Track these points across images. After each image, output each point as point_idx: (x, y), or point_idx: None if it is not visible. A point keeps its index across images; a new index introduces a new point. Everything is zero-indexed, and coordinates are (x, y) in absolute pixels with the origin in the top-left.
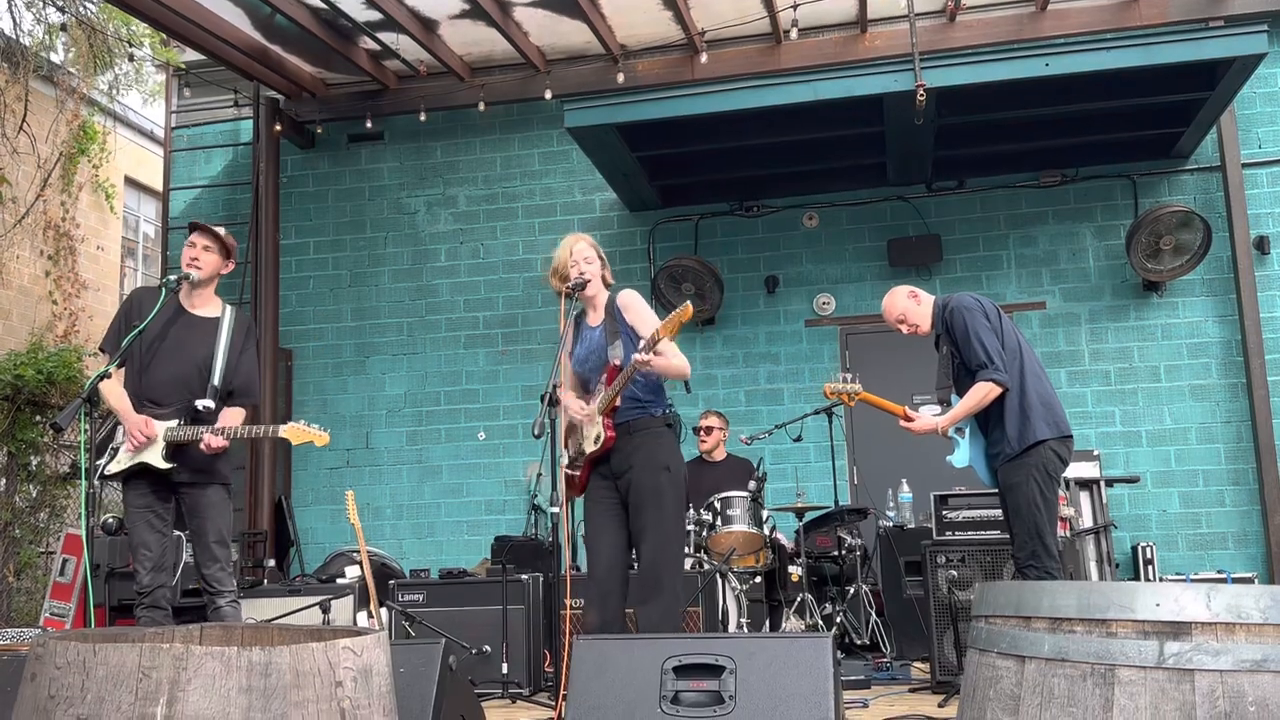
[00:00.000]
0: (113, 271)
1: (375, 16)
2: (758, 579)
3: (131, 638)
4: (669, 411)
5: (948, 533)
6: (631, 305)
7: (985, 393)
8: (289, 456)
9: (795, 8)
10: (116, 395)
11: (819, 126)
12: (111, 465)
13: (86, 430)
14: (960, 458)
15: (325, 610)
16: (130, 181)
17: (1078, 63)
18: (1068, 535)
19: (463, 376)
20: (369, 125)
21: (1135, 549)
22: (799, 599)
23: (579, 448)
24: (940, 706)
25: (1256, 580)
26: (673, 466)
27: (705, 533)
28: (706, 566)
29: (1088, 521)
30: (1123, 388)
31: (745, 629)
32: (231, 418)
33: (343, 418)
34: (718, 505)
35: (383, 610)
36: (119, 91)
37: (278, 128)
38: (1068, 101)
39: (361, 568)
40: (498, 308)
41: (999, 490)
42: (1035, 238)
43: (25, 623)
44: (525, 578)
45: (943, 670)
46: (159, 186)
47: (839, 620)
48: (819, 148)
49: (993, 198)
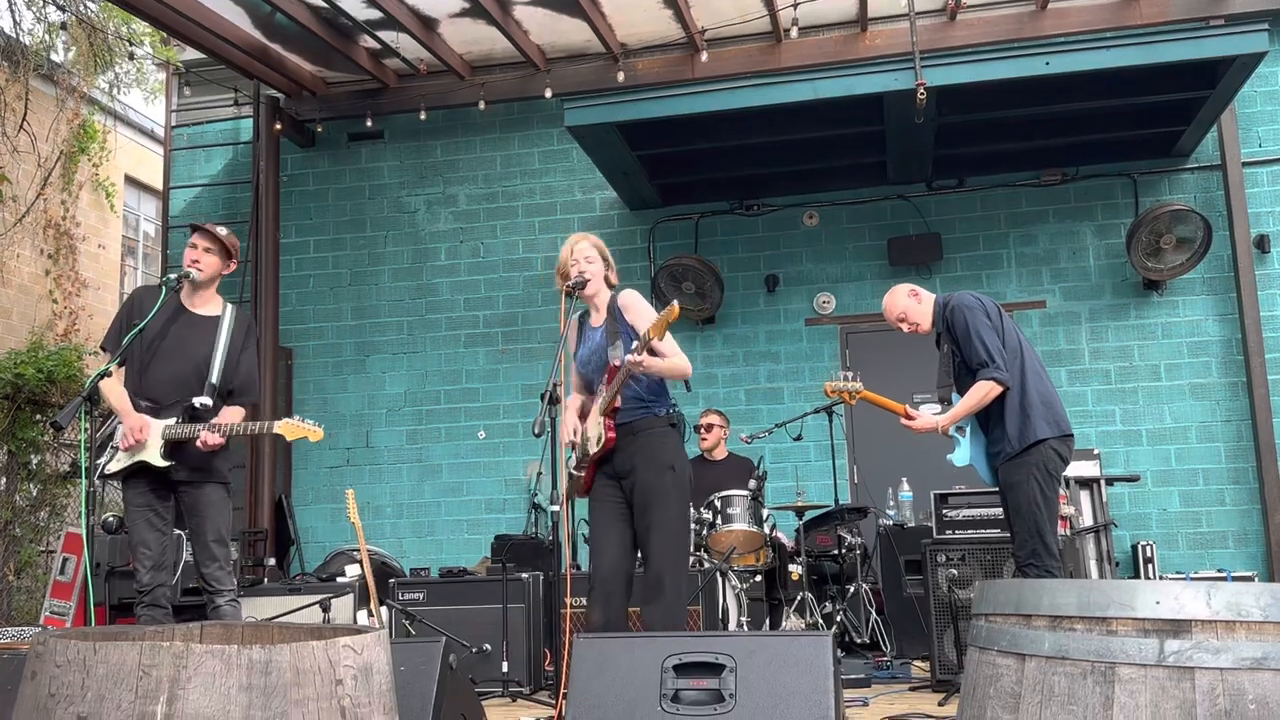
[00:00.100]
0: (113, 270)
1: (375, 15)
2: (758, 578)
3: (132, 636)
4: (673, 411)
5: (948, 531)
6: (631, 305)
7: (986, 391)
8: (289, 455)
9: (795, 6)
10: (117, 394)
11: (819, 125)
12: (111, 464)
13: (87, 429)
14: (961, 456)
15: (325, 609)
16: (130, 180)
17: (1078, 61)
18: (1068, 534)
19: (463, 375)
20: (369, 124)
21: (1135, 548)
22: (799, 598)
23: (583, 449)
24: (940, 705)
25: (1256, 579)
26: (677, 466)
27: (705, 531)
28: (707, 565)
29: (1088, 520)
30: (1123, 386)
31: (745, 627)
32: (229, 416)
33: (343, 416)
34: (718, 504)
35: (383, 609)
36: (119, 90)
37: (278, 126)
38: (1068, 100)
39: (362, 566)
40: (498, 307)
41: (999, 489)
42: (1035, 236)
43: (26, 621)
44: (525, 576)
45: (943, 669)
46: (159, 185)
47: (839, 619)
48: (819, 146)
49: (993, 196)
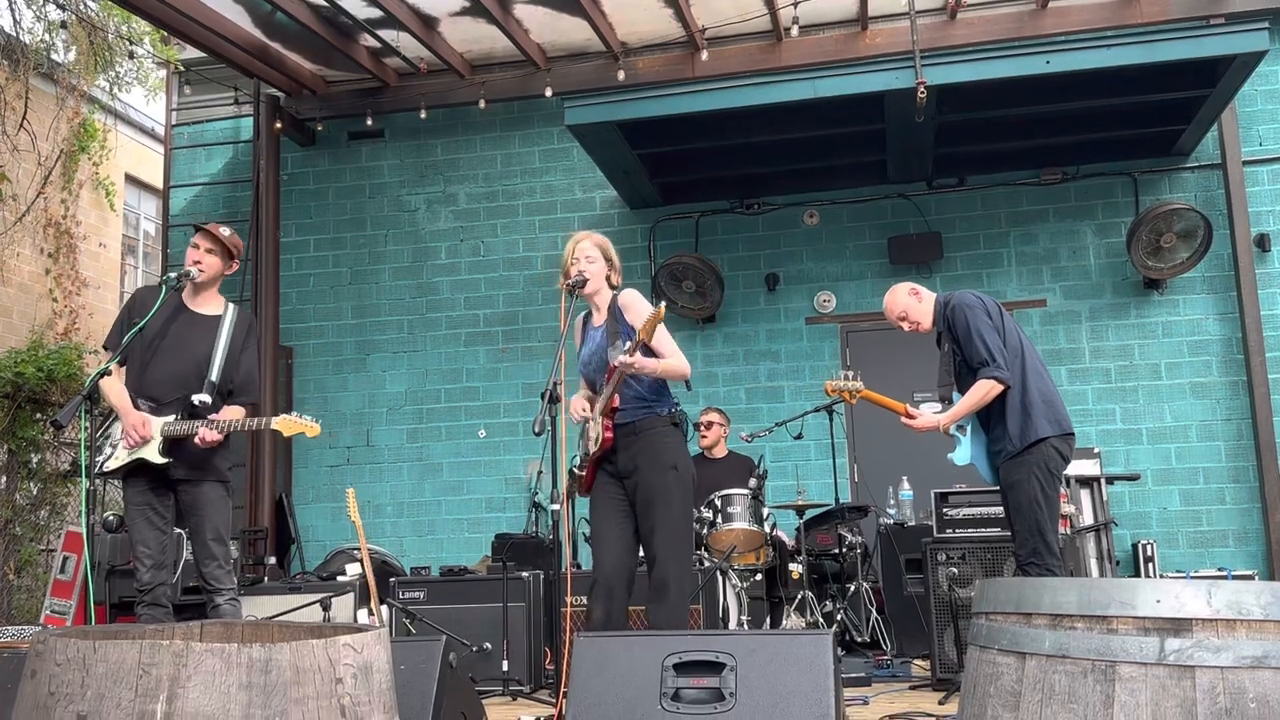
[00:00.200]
0: (113, 269)
1: (376, 14)
2: (758, 576)
3: (132, 635)
4: (675, 411)
5: (948, 530)
6: (631, 305)
7: (987, 390)
8: (289, 454)
9: (796, 5)
10: (117, 392)
11: (820, 124)
12: (110, 462)
13: (87, 428)
14: (962, 455)
15: (326, 608)
16: (130, 179)
17: (1078, 60)
18: (1068, 533)
19: (463, 374)
20: (369, 123)
21: (1136, 546)
22: (799, 596)
23: (585, 448)
24: (941, 704)
25: (1257, 577)
26: (680, 466)
27: (706, 530)
28: (707, 564)
29: (1088, 519)
30: (1123, 385)
31: (746, 626)
32: (228, 414)
33: (343, 415)
34: (718, 502)
35: (383, 608)
36: (119, 89)
37: (278, 125)
38: (1068, 99)
39: (362, 565)
40: (498, 305)
41: (1000, 487)
42: (1036, 235)
43: (26, 620)
44: (526, 575)
45: (943, 667)
46: (159, 184)
47: (839, 617)
48: (819, 145)
49: (993, 195)
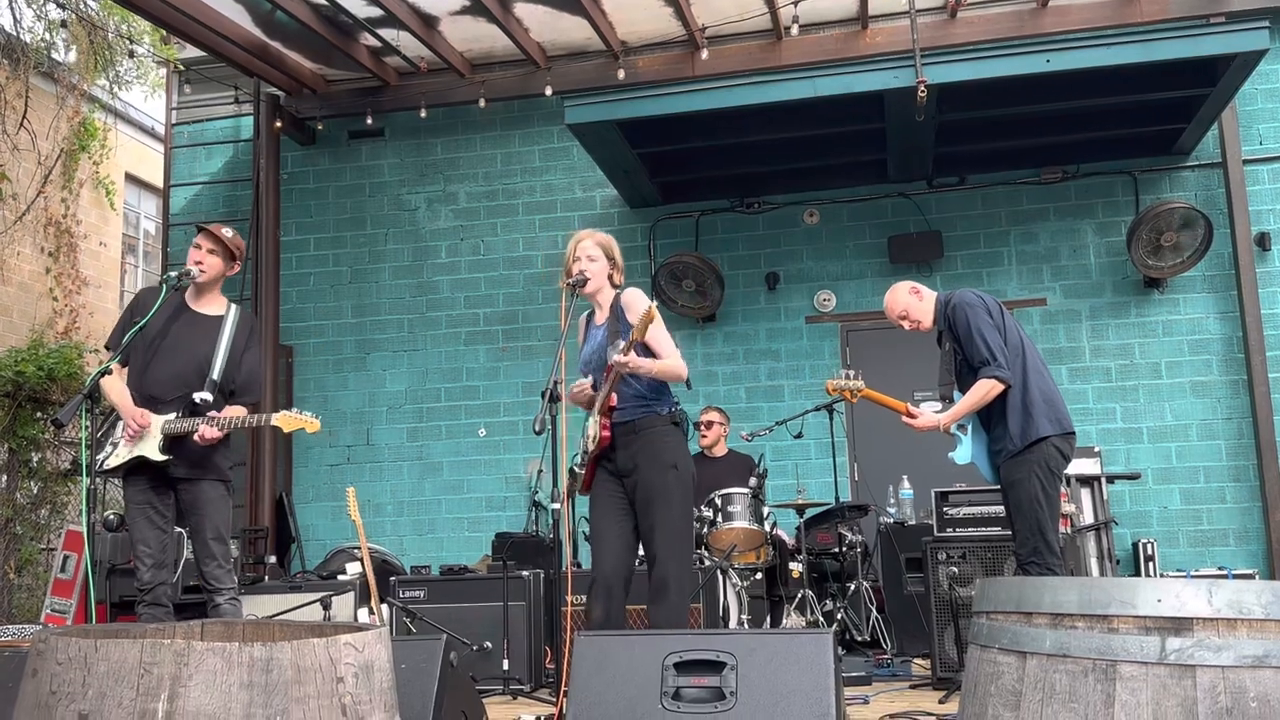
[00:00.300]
0: (113, 268)
1: (376, 13)
2: (758, 575)
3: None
4: (675, 410)
5: (948, 529)
6: (632, 304)
7: (988, 389)
8: (290, 453)
9: (796, 4)
10: (118, 391)
11: (820, 123)
12: (110, 460)
13: (87, 427)
14: (962, 454)
15: (326, 607)
16: (131, 178)
17: (1079, 59)
18: (1069, 532)
19: (463, 373)
20: (369, 122)
21: (1136, 545)
22: (800, 595)
23: (584, 446)
24: (941, 703)
25: (1257, 577)
26: (680, 465)
27: (706, 529)
28: (707, 563)
29: (1089, 518)
30: (1124, 384)
31: (746, 625)
32: (229, 413)
33: (343, 414)
34: (718, 501)
35: (383, 607)
36: (120, 88)
37: (278, 124)
38: (1069, 98)
39: (362, 564)
40: (498, 304)
41: (1001, 486)
42: (1036, 234)
43: (26, 619)
44: (526, 574)
45: (943, 667)
46: (159, 183)
47: (840, 617)
48: (820, 144)
49: (994, 194)
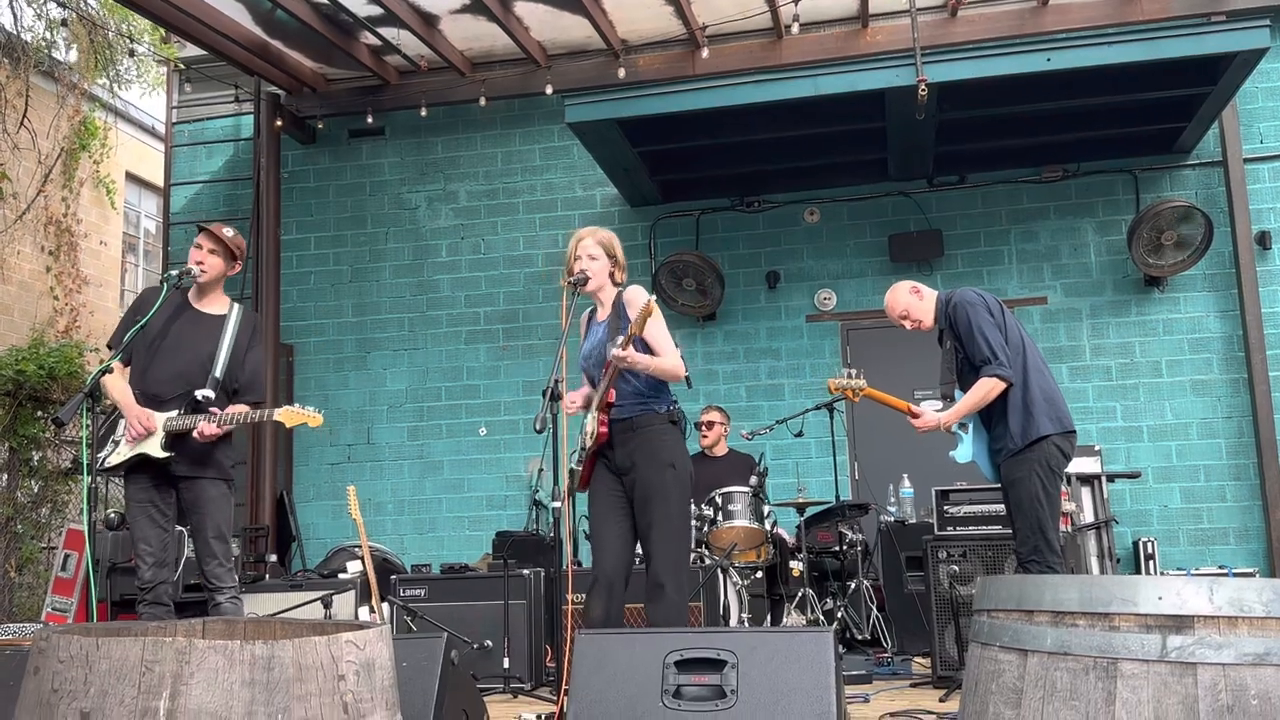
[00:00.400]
0: (114, 267)
1: (376, 12)
2: (759, 574)
3: (134, 632)
4: (674, 408)
5: (949, 528)
6: (635, 302)
7: (989, 388)
8: (290, 451)
9: (796, 2)
10: (119, 389)
11: (820, 121)
12: (112, 458)
13: (88, 425)
14: (963, 453)
15: (327, 605)
16: (131, 177)
17: (1079, 57)
18: (1069, 530)
19: (464, 372)
20: (370, 120)
21: (1136, 544)
22: (800, 594)
23: (582, 443)
24: (941, 701)
25: (1257, 575)
26: (678, 464)
27: (706, 528)
28: (708, 561)
29: (1089, 517)
30: (1124, 383)
31: (746, 624)
32: (231, 410)
33: (344, 413)
34: (719, 500)
35: (384, 605)
36: (120, 87)
37: (279, 123)
38: (1069, 96)
39: (363, 563)
40: (499, 303)
41: (1001, 485)
42: (1037, 233)
43: (27, 618)
44: (526, 573)
45: (944, 665)
46: (160, 182)
47: (840, 615)
48: (820, 143)
49: (994, 193)
